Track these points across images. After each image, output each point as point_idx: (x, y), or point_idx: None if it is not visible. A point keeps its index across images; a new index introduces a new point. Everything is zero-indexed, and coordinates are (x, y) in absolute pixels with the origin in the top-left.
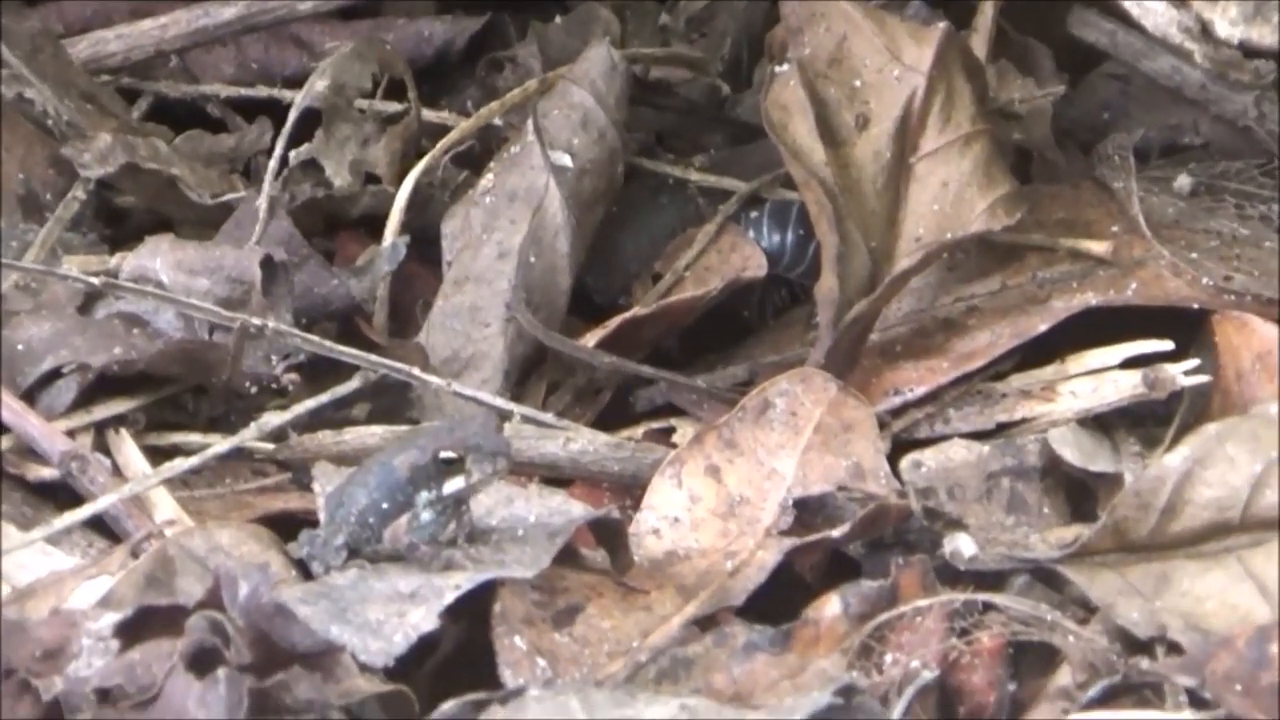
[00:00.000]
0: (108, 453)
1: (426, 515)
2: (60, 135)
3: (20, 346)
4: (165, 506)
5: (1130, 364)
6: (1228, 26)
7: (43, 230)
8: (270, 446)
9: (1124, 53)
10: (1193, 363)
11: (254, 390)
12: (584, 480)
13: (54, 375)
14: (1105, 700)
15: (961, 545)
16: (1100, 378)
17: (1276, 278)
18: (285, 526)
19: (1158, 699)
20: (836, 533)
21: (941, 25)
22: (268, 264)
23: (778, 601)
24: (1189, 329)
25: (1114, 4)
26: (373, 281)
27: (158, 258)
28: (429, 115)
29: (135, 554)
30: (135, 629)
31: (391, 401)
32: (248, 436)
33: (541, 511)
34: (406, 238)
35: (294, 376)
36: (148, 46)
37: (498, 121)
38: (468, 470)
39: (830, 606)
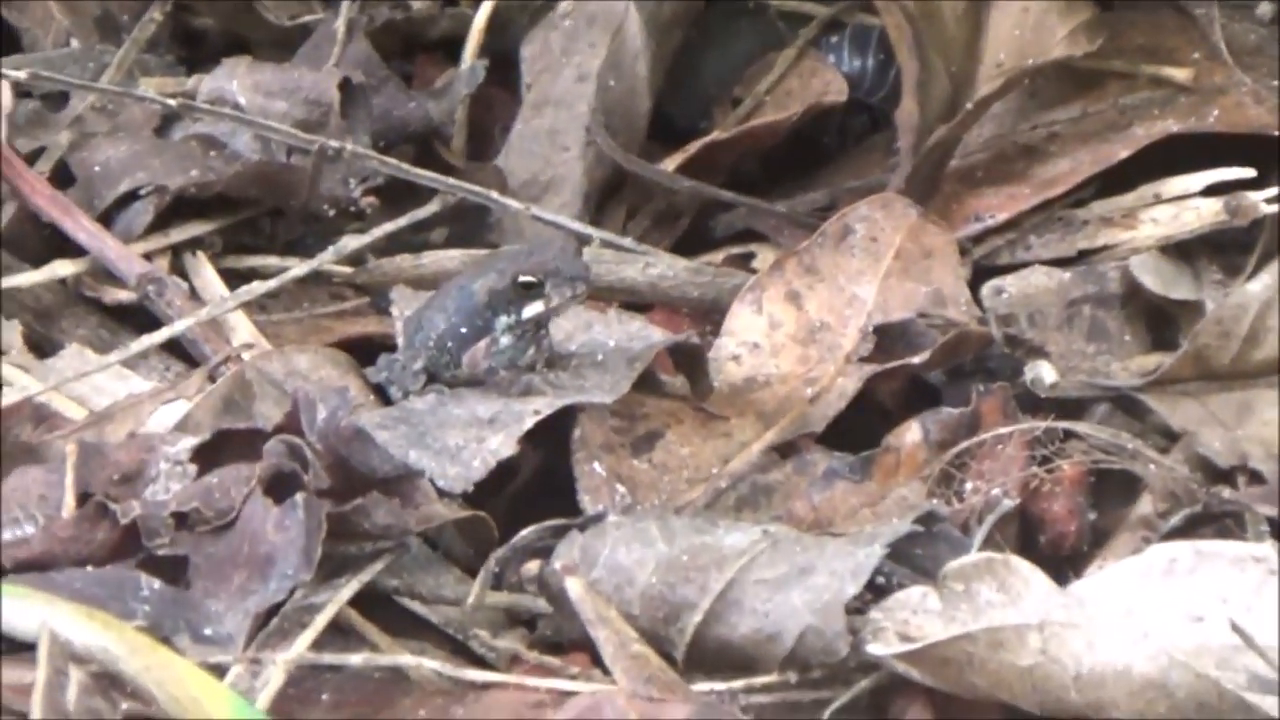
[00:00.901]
0: (184, 275)
1: (505, 340)
2: None
3: (97, 168)
4: (243, 330)
5: (1211, 191)
6: None
7: (119, 52)
8: (348, 270)
9: None
10: (1274, 190)
11: (332, 213)
12: (663, 305)
13: (131, 197)
14: (1186, 529)
15: (1043, 372)
16: (1181, 205)
17: None
18: (363, 350)
19: (1239, 528)
20: (917, 359)
21: None
22: (346, 86)
23: (858, 429)
24: (1270, 156)
25: None
26: (451, 104)
27: (235, 79)
28: None
29: (212, 377)
30: (212, 453)
31: (470, 225)
32: (325, 260)
33: (621, 336)
34: (485, 60)
35: (372, 199)
36: None
37: None
38: (547, 294)
39: (911, 434)
